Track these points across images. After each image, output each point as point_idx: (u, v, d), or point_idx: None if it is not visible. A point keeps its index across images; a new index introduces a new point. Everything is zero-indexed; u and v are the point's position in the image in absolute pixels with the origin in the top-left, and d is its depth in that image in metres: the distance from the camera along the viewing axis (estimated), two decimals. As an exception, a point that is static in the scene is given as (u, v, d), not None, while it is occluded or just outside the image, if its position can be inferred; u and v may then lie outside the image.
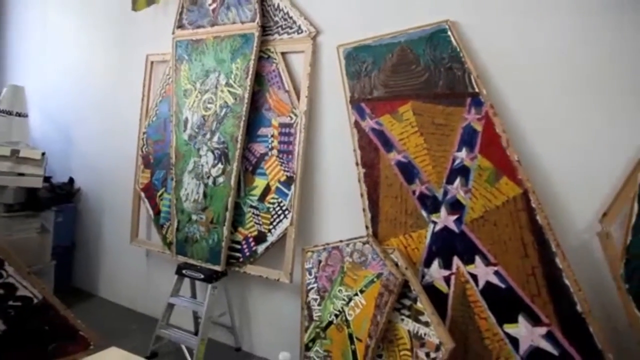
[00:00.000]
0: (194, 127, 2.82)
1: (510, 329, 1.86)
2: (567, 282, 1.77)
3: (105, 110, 3.58)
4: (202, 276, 2.65)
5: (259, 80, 2.65)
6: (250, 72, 2.59)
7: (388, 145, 2.16)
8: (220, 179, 2.67)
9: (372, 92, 2.25)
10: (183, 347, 2.64)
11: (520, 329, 1.84)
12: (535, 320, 1.82)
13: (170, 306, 2.78)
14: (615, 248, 1.77)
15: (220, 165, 2.68)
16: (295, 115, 2.50)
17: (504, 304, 1.87)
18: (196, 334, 2.73)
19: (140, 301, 3.37)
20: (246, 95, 2.59)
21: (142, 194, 3.16)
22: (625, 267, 1.74)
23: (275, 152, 2.56)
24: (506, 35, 2.02)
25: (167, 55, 3.09)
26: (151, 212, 3.10)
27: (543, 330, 1.81)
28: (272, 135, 2.58)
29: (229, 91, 2.68)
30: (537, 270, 1.82)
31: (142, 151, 3.18)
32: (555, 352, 1.79)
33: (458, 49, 2.04)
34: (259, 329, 2.82)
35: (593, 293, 1.81)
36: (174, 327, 2.76)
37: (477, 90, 1.99)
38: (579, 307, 1.75)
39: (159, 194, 3.07)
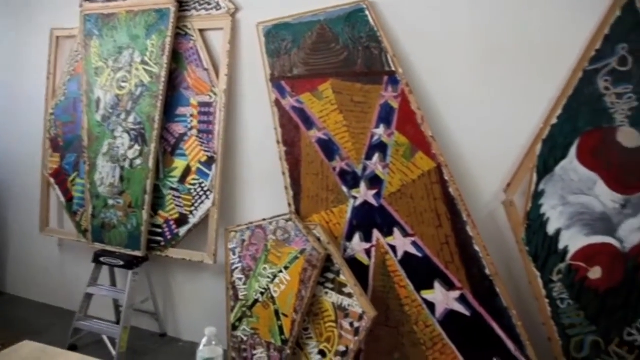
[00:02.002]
0: (108, 107, 2.67)
1: (427, 294, 1.98)
2: (477, 248, 1.90)
3: (4, 89, 3.29)
4: (122, 263, 2.55)
5: (177, 58, 2.56)
6: (167, 50, 2.49)
7: (309, 123, 2.18)
8: (138, 161, 2.56)
9: (292, 71, 2.26)
10: (104, 337, 2.55)
11: (436, 294, 1.96)
12: (449, 285, 1.95)
13: (88, 296, 2.66)
14: (517, 215, 1.93)
15: (137, 147, 2.57)
16: (215, 94, 2.45)
17: (421, 271, 1.98)
18: (118, 323, 2.63)
19: (55, 294, 3.18)
20: (163, 74, 2.50)
21: (52, 180, 2.96)
22: (526, 232, 1.91)
23: (194, 132, 2.50)
24: (421, 15, 2.09)
25: (74, 30, 2.88)
26: (62, 198, 2.92)
27: (456, 294, 1.94)
28: (192, 115, 2.51)
29: (144, 69, 2.57)
30: (450, 239, 1.94)
31: (49, 134, 2.97)
32: (467, 313, 1.93)
33: (375, 29, 2.09)
34: (185, 312, 2.78)
35: (499, 256, 1.97)
36: (93, 318, 2.65)
37: (393, 69, 2.05)
38: (487, 271, 1.89)
39: (70, 179, 2.89)
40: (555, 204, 1.89)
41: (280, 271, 2.12)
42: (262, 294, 2.17)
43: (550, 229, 1.89)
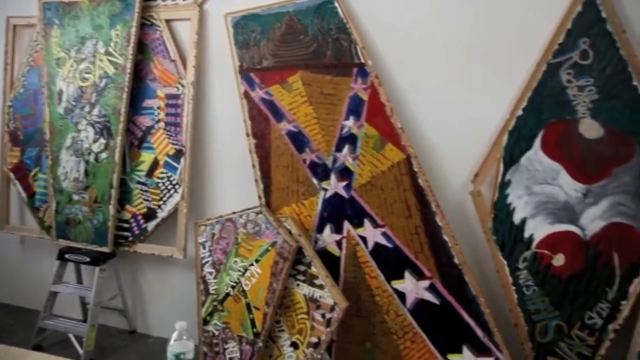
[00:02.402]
0: (70, 99, 2.59)
1: (397, 284, 2.00)
2: (446, 238, 1.94)
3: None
4: (88, 259, 2.49)
5: (142, 49, 2.49)
6: (132, 40, 2.43)
7: (278, 115, 2.17)
8: (103, 155, 2.50)
9: (261, 62, 2.23)
10: (71, 336, 2.49)
11: (407, 283, 1.99)
12: (419, 275, 1.98)
13: (53, 294, 2.59)
14: (485, 205, 1.97)
15: (102, 140, 2.50)
16: (183, 86, 2.41)
17: (392, 262, 2.01)
18: (85, 321, 2.57)
19: (17, 293, 3.07)
20: (128, 65, 2.43)
21: (12, 175, 2.85)
22: (493, 221, 1.96)
23: (162, 124, 2.45)
24: (390, 7, 2.10)
25: (33, 19, 2.77)
26: (24, 194, 2.82)
27: (426, 283, 1.97)
28: (159, 107, 2.46)
29: (108, 60, 2.50)
30: (420, 229, 1.97)
31: (8, 127, 2.85)
32: (437, 302, 1.96)
33: (345, 20, 2.09)
34: (154, 308, 2.74)
35: (467, 246, 2.01)
36: (58, 317, 2.58)
37: (363, 61, 2.06)
38: (456, 260, 1.93)
39: (32, 174, 2.80)
40: (520, 193, 1.94)
41: (251, 264, 2.11)
42: (233, 287, 2.16)
43: (516, 218, 1.94)
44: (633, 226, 1.87)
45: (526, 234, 1.93)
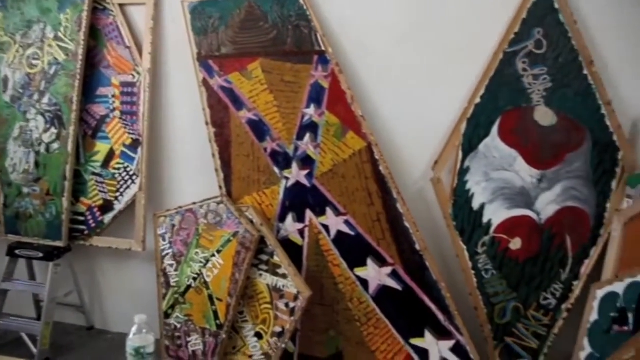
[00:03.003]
0: (17, 87, 2.46)
1: (360, 272, 2.02)
2: (407, 224, 1.96)
3: None
4: (41, 255, 2.40)
5: (95, 35, 2.39)
6: (84, 25, 2.32)
7: (238, 103, 2.13)
8: (55, 145, 2.40)
9: (220, 49, 2.18)
10: (24, 335, 2.40)
11: (369, 271, 2.01)
12: (381, 262, 2.00)
13: (3, 292, 2.48)
14: (445, 191, 2.00)
15: (53, 130, 2.40)
16: (139, 73, 2.33)
17: (354, 249, 2.02)
18: (39, 319, 2.47)
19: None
20: (80, 51, 2.33)
21: (-44, 168, 2.70)
22: (453, 207, 1.99)
23: (117, 113, 2.37)
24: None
25: (-26, 2, 2.62)
26: (-31, 188, 2.68)
27: (389, 269, 1.99)
28: (113, 96, 2.38)
29: (58, 46, 2.38)
30: (381, 216, 1.99)
31: (-50, 117, 2.70)
32: (399, 288, 1.99)
33: (305, 7, 2.06)
34: (113, 303, 2.67)
35: (428, 232, 2.04)
36: (10, 316, 2.47)
37: (323, 48, 2.04)
38: (417, 246, 1.96)
39: (-23, 166, 2.66)
40: (479, 180, 1.98)
41: (213, 255, 2.08)
42: (194, 279, 2.12)
43: (475, 204, 1.98)
44: (584, 210, 1.95)
45: (485, 219, 1.98)
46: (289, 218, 2.09)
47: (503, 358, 2.01)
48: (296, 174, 2.07)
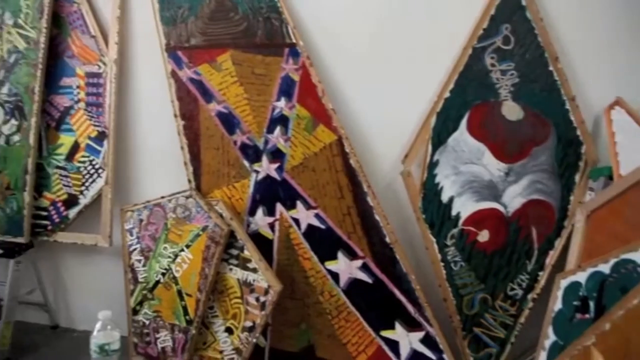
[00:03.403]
0: (-26, 76, 2.36)
1: (331, 265, 2.02)
2: (377, 217, 1.97)
3: None
4: (1, 251, 2.31)
5: (58, 23, 2.31)
6: (46, 12, 2.24)
7: (207, 95, 2.09)
8: (16, 138, 2.31)
9: (189, 40, 2.14)
10: (-17, 334, 2.32)
11: (340, 264, 2.01)
12: (352, 255, 2.00)
13: (-38, 290, 2.38)
14: (414, 185, 2.02)
15: (14, 122, 2.31)
16: (104, 63, 2.27)
17: (325, 243, 2.02)
18: (-1, 317, 2.40)
19: None
20: (42, 39, 2.25)
21: None
22: (422, 200, 2.01)
23: (82, 105, 2.30)
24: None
25: None
26: None
27: (359, 262, 2.00)
28: (78, 86, 2.30)
29: (18, 33, 2.29)
30: (352, 210, 1.99)
31: None
32: (370, 281, 2.00)
33: (276, -1, 2.04)
34: (79, 301, 2.60)
35: (398, 225, 2.05)
36: (-32, 315, 2.38)
37: (294, 41, 2.02)
38: (387, 239, 1.97)
39: None
40: (448, 173, 2.00)
41: (182, 250, 2.05)
42: (163, 274, 2.09)
43: (444, 197, 2.01)
44: (549, 202, 1.99)
45: (453, 212, 2.00)
46: (259, 212, 2.07)
47: (471, 348, 2.05)
48: (266, 167, 2.06)
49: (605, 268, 1.65)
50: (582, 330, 1.62)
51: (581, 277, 1.75)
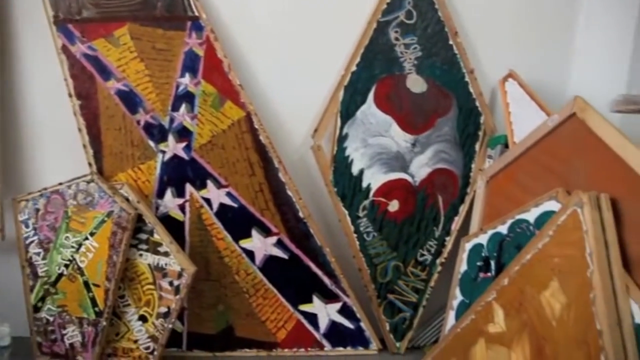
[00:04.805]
0: None
1: (245, 243, 2.00)
2: (290, 193, 1.97)
3: None
4: None
5: None
6: None
7: (105, 72, 1.96)
8: None
9: (80, 12, 1.98)
10: None
11: (254, 242, 2.00)
12: (266, 232, 1.99)
13: None
14: (325, 158, 2.04)
15: None
16: (-17, 41, 2.05)
17: (238, 221, 1.99)
18: None
19: None
20: None
21: None
22: (333, 174, 2.04)
23: (-40, 87, 2.07)
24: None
25: None
26: None
27: (274, 239, 1.99)
28: (-47, 66, 2.07)
29: None
30: (264, 187, 1.98)
31: None
32: (285, 257, 2.01)
33: (175, -31, 1.94)
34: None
35: (311, 199, 2.08)
36: None
37: (197, 14, 1.94)
38: (300, 214, 1.98)
39: None
40: (357, 146, 2.04)
41: (86, 238, 1.93)
42: (66, 266, 1.95)
43: (355, 170, 2.05)
44: (453, 171, 2.10)
45: (364, 184, 2.05)
46: (168, 193, 1.99)
47: (387, 314, 2.13)
48: (173, 147, 1.97)
49: (503, 229, 1.77)
50: (485, 288, 1.74)
51: (483, 239, 1.87)
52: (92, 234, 1.92)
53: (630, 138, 1.44)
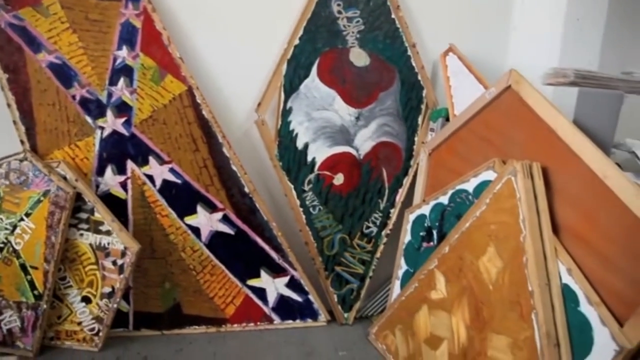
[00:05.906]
0: None
1: (190, 220, 1.98)
2: (234, 168, 1.96)
3: None
4: None
5: None
6: None
7: (35, 44, 1.85)
8: None
9: (3, -20, 1.86)
10: None
11: (200, 218, 1.97)
12: (212, 208, 1.97)
13: None
14: (270, 133, 2.03)
15: None
16: None
17: (182, 198, 1.96)
18: None
19: None
20: None
21: None
22: (278, 148, 2.03)
23: None
24: None
25: None
26: None
27: (219, 215, 1.98)
28: None
29: None
30: (208, 162, 1.95)
31: None
32: (231, 232, 2.00)
33: (107, -64, 1.85)
34: None
35: (256, 174, 2.07)
36: None
37: (132, -17, 1.87)
38: (246, 189, 1.97)
39: None
40: (301, 120, 2.04)
41: (21, 219, 1.85)
42: (1, 249, 1.87)
43: (299, 144, 2.05)
44: (396, 144, 2.14)
45: (309, 158, 2.06)
46: (108, 171, 1.93)
47: (334, 286, 2.17)
48: (112, 122, 1.90)
49: (444, 199, 1.83)
50: (428, 257, 1.80)
51: (426, 209, 1.92)
52: (27, 215, 1.84)
53: (561, 109, 1.51)
